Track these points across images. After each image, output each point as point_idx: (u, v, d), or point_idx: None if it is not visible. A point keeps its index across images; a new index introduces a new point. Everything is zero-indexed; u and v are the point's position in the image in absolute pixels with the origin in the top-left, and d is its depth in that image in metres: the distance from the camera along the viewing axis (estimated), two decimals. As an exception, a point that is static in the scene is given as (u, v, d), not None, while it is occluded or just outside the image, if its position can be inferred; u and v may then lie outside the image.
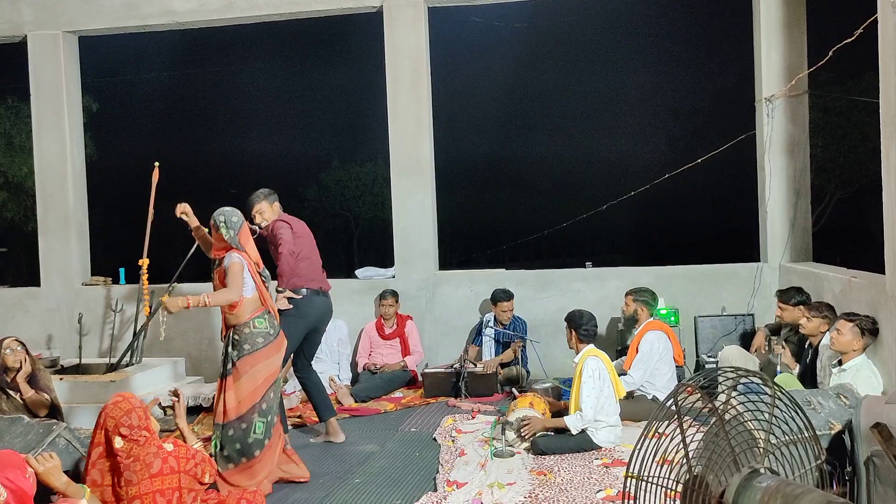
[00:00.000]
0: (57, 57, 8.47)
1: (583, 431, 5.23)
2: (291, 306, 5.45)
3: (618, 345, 7.29)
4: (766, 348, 6.20)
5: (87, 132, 9.31)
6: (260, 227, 5.61)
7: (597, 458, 5.05)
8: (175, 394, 4.27)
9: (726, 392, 2.28)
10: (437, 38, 8.20)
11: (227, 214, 4.78)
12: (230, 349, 4.73)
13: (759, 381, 2.34)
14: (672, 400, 2.28)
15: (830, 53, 6.45)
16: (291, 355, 5.66)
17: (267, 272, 4.94)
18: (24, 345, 5.24)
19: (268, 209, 5.64)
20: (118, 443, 3.46)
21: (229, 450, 4.63)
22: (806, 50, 7.40)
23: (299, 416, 6.38)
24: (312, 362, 5.82)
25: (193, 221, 5.31)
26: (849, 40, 6.05)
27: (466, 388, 6.81)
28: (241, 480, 4.60)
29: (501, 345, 7.46)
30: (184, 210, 5.27)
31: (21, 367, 5.11)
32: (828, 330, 5.34)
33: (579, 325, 5.38)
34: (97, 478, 3.45)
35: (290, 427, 5.92)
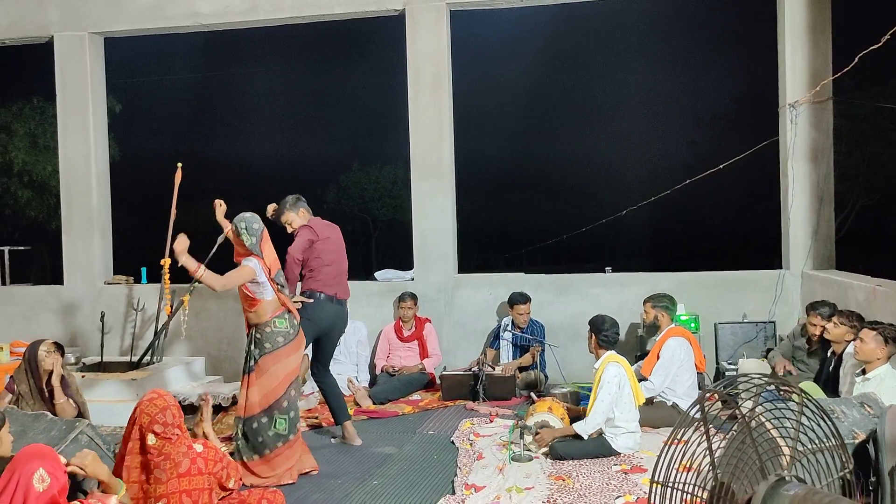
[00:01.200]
0: (83, 58, 8.57)
1: (601, 436, 5.21)
2: (300, 306, 5.50)
3: (637, 350, 7.25)
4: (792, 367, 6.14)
5: (110, 133, 9.40)
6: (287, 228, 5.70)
7: (615, 464, 5.03)
8: (203, 398, 4.36)
9: (753, 399, 2.26)
10: (458, 40, 8.22)
11: (248, 221, 4.89)
12: (252, 347, 4.91)
13: (786, 389, 2.32)
14: (697, 407, 2.27)
15: (857, 60, 6.38)
16: (309, 359, 5.73)
17: (282, 277, 5.02)
18: (61, 349, 5.25)
19: (295, 218, 5.69)
20: (151, 440, 3.47)
21: (252, 441, 4.86)
22: (831, 55, 7.34)
23: (316, 417, 6.40)
24: (331, 364, 5.87)
25: (223, 221, 5.40)
26: (875, 46, 5.99)
27: (484, 392, 6.80)
28: (263, 471, 4.83)
29: (519, 349, 7.45)
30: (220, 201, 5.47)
31: (54, 370, 5.13)
32: (853, 339, 5.29)
33: (600, 331, 5.35)
34: (126, 474, 3.47)
35: (306, 427, 5.99)
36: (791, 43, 7.38)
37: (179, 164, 7.45)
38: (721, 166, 8.24)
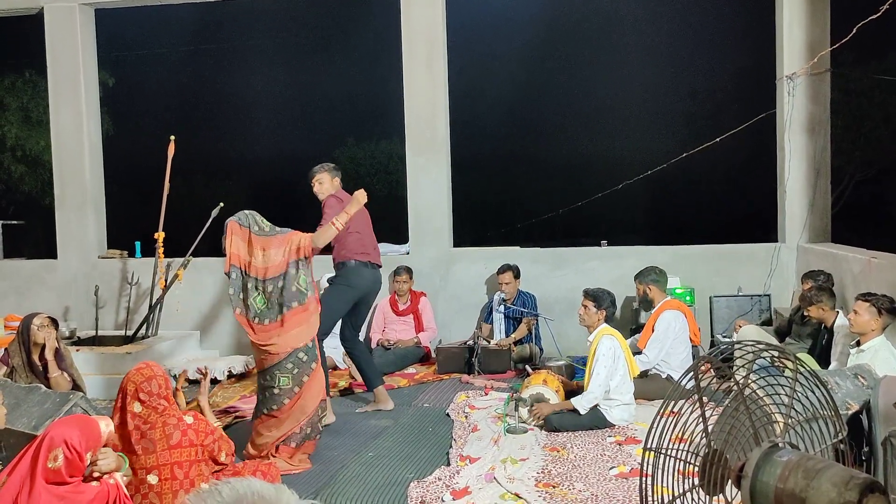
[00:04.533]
0: (73, 30, 8.45)
1: (595, 408, 5.23)
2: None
3: (632, 324, 7.27)
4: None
5: (103, 107, 9.30)
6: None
7: (610, 436, 5.05)
8: (202, 372, 4.36)
9: (747, 366, 2.26)
10: (454, 14, 8.13)
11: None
12: None
13: (780, 357, 2.31)
14: (691, 375, 2.26)
15: (854, 30, 6.34)
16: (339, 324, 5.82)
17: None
18: (54, 322, 5.21)
19: (328, 181, 5.72)
20: (136, 407, 3.49)
21: (260, 398, 4.83)
22: (829, 26, 7.28)
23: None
24: (328, 338, 5.89)
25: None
26: (874, 16, 5.95)
27: (479, 365, 6.81)
28: (268, 429, 4.74)
29: (512, 321, 7.45)
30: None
31: (47, 343, 5.09)
32: (833, 309, 5.33)
33: (603, 303, 5.35)
34: (117, 443, 3.49)
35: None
36: (789, 13, 7.31)
37: (173, 138, 7.41)
38: (718, 139, 8.21)
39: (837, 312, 5.33)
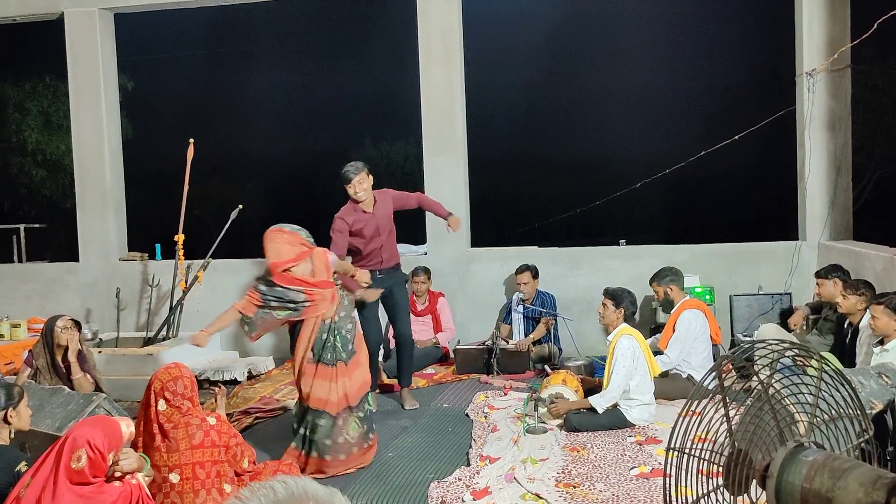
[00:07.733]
0: (93, 34, 8.53)
1: (616, 408, 5.21)
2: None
3: (651, 323, 7.23)
4: (805, 326, 6.12)
5: (123, 111, 9.38)
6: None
7: (630, 436, 5.03)
8: (218, 390, 4.40)
9: (770, 365, 2.24)
10: (469, 12, 8.13)
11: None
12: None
13: (804, 356, 2.29)
14: (714, 374, 2.25)
15: (875, 26, 6.27)
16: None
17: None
18: (77, 324, 5.26)
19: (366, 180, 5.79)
20: (161, 405, 3.54)
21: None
22: (849, 22, 7.21)
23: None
24: None
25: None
26: (894, 12, 5.88)
27: (498, 365, 6.80)
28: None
29: (532, 320, 7.43)
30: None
31: (70, 345, 5.14)
32: (866, 307, 5.25)
33: (622, 302, 5.33)
34: (146, 440, 3.54)
35: None
36: (808, 9, 7.25)
37: (191, 140, 7.47)
38: (737, 137, 8.15)
39: (866, 310, 5.27)
